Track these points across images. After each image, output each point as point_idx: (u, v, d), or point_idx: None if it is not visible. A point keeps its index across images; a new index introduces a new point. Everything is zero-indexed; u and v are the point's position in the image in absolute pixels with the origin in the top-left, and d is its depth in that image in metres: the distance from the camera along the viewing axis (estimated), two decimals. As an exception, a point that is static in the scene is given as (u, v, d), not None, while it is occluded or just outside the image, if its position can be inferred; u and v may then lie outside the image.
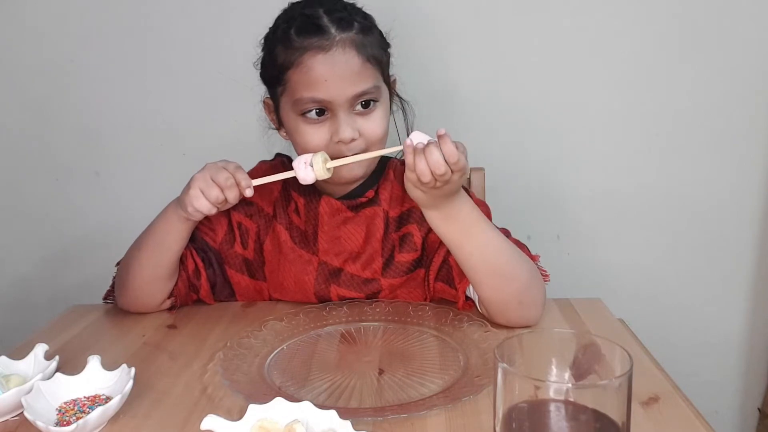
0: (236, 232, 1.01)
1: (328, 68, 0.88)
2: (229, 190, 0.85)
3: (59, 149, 1.44)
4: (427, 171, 0.77)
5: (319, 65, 0.88)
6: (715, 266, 1.43)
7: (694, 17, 1.33)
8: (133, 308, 0.98)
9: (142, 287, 0.95)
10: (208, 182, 0.85)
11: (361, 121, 0.91)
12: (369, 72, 0.91)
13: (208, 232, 1.00)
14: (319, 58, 0.88)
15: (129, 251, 0.97)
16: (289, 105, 0.92)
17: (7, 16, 1.38)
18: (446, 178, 0.77)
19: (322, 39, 0.88)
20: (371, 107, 0.92)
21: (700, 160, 1.39)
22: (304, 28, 0.89)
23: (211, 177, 0.85)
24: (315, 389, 0.73)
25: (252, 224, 1.01)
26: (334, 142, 0.90)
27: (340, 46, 0.88)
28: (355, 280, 0.98)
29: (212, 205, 0.85)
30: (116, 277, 1.00)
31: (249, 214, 1.01)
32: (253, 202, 1.01)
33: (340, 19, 0.90)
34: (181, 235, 0.92)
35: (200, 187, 0.85)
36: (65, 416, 0.67)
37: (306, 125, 0.91)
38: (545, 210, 1.42)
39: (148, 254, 0.94)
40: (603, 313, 0.95)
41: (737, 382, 1.50)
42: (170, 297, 0.98)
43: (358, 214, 0.99)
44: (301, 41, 0.89)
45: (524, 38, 1.35)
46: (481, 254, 0.85)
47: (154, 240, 0.93)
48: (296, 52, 0.89)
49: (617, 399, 0.46)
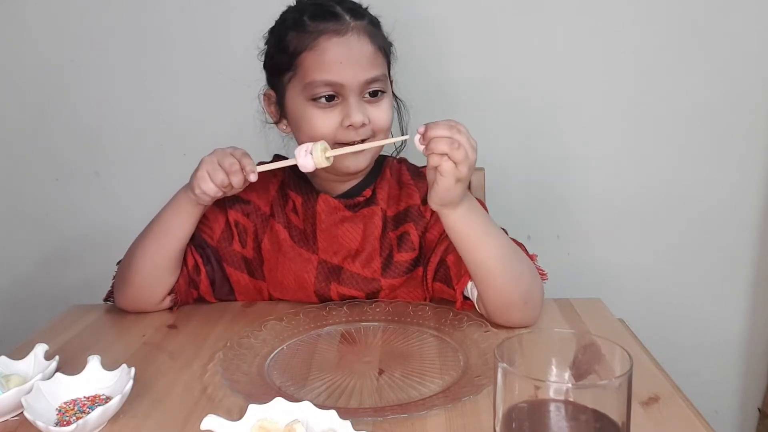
0: (234, 230, 1.01)
1: (344, 51, 0.90)
2: (234, 175, 0.86)
3: (59, 149, 1.44)
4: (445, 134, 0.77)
5: (335, 47, 0.90)
6: (715, 266, 1.43)
7: (694, 17, 1.33)
8: (133, 305, 0.98)
9: (144, 279, 0.95)
10: (214, 165, 0.87)
11: (370, 108, 0.93)
12: (380, 60, 0.94)
13: (206, 230, 1.00)
14: (335, 41, 0.90)
15: (133, 244, 0.97)
16: (299, 90, 0.93)
17: (7, 16, 1.39)
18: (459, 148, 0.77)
19: (337, 24, 0.91)
20: (379, 96, 0.94)
21: (700, 160, 1.39)
22: (319, 14, 0.92)
23: (218, 161, 0.87)
24: (315, 389, 0.73)
25: (249, 223, 1.01)
26: (344, 126, 0.91)
27: (355, 32, 0.91)
28: (356, 278, 0.98)
29: (218, 188, 0.87)
30: (117, 275, 1.00)
31: (246, 212, 1.01)
32: (249, 200, 1.01)
33: (352, 8, 0.93)
34: (189, 219, 0.93)
35: (207, 170, 0.87)
36: (65, 416, 0.67)
37: (315, 110, 0.92)
38: (545, 210, 1.42)
39: (154, 241, 0.94)
40: (603, 313, 0.95)
41: (737, 382, 1.50)
42: (171, 293, 0.97)
43: (356, 213, 0.99)
44: (315, 25, 0.91)
45: (524, 38, 1.35)
46: (496, 255, 0.86)
47: (161, 225, 0.94)
48: (311, 36, 0.91)
49: (617, 399, 0.46)
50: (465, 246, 0.86)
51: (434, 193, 0.82)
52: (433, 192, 0.82)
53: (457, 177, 0.79)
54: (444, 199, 0.82)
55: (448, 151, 0.78)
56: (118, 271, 0.99)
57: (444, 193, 0.81)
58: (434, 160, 0.79)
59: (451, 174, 0.79)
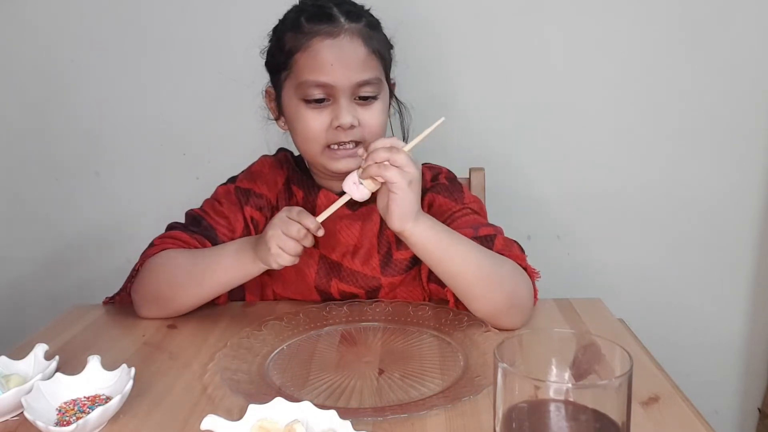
0: (251, 226, 1.01)
1: (335, 53, 0.91)
2: (304, 240, 0.85)
3: (59, 149, 1.44)
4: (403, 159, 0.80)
5: (327, 49, 0.91)
6: (715, 266, 1.43)
7: (694, 17, 1.33)
8: (155, 315, 0.95)
9: (181, 304, 0.94)
10: (283, 239, 0.84)
11: (361, 110, 0.93)
12: (373, 64, 0.94)
13: (227, 233, 0.99)
14: (327, 43, 0.91)
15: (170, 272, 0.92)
16: (293, 89, 0.94)
17: (7, 16, 1.39)
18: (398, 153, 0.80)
19: (331, 26, 0.92)
20: (371, 100, 0.94)
21: (701, 160, 1.39)
22: (315, 16, 0.93)
23: (283, 233, 0.84)
24: (315, 389, 0.73)
25: (262, 217, 1.02)
26: (333, 127, 0.92)
27: (348, 34, 0.92)
28: (356, 276, 0.99)
29: (294, 257, 0.85)
30: (142, 285, 0.95)
31: (259, 206, 1.02)
32: (261, 193, 1.02)
33: (349, 11, 0.94)
34: (249, 277, 0.91)
35: (279, 245, 0.84)
36: (65, 416, 0.67)
37: (307, 110, 0.93)
38: (545, 210, 1.42)
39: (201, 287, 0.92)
40: (603, 313, 0.95)
41: (737, 382, 1.50)
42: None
43: (355, 212, 1.00)
44: (310, 27, 0.92)
45: (524, 39, 1.35)
46: (470, 263, 0.85)
47: (213, 276, 0.91)
48: (305, 37, 0.92)
49: (617, 399, 0.46)
50: (437, 259, 0.86)
51: (392, 209, 0.82)
52: (390, 211, 0.82)
53: (408, 180, 0.80)
54: (403, 210, 0.81)
55: (389, 156, 0.79)
56: (145, 282, 0.94)
57: (401, 204, 0.81)
58: (373, 170, 0.80)
59: (400, 178, 0.79)
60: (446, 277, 0.87)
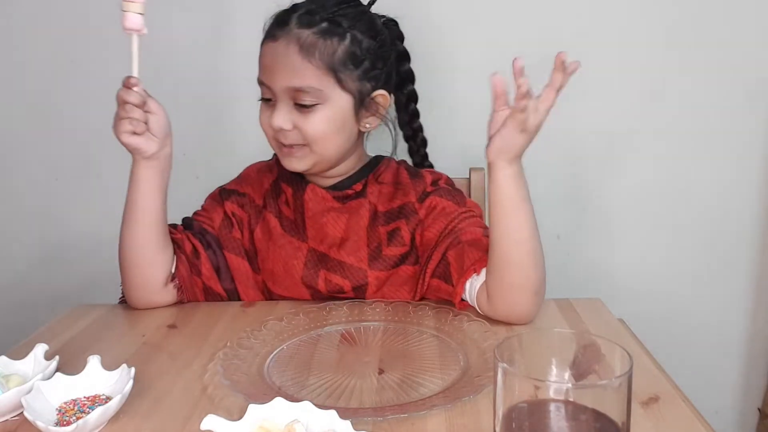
0: (232, 219, 1.04)
1: (270, 56, 0.95)
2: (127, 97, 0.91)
3: (59, 149, 1.44)
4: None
5: (266, 51, 0.96)
6: (716, 266, 1.43)
7: (694, 18, 1.33)
8: (139, 297, 0.98)
9: (136, 263, 0.96)
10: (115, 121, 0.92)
11: (299, 117, 0.95)
12: (310, 72, 0.93)
13: (206, 221, 1.04)
14: (269, 45, 0.95)
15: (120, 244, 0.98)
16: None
17: (7, 16, 1.38)
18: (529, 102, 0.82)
19: (278, 30, 0.95)
20: (311, 108, 0.94)
21: (700, 160, 1.39)
22: (275, 18, 0.97)
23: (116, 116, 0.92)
24: (315, 389, 0.73)
25: (244, 214, 1.05)
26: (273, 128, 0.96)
27: (285, 39, 0.94)
28: (342, 266, 1.00)
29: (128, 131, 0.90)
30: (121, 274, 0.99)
31: (241, 204, 1.05)
32: (245, 193, 1.06)
33: (304, 18, 0.94)
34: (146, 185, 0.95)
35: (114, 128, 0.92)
36: (65, 416, 0.67)
37: (262, 107, 0.99)
38: (545, 210, 1.42)
39: (132, 224, 0.95)
40: (603, 313, 0.95)
41: (737, 382, 1.50)
42: (173, 280, 0.98)
43: (344, 205, 1.01)
44: (269, 29, 0.97)
45: (524, 39, 1.35)
46: (529, 226, 0.86)
47: (129, 206, 0.96)
48: (264, 38, 0.97)
49: (617, 399, 0.47)
50: (503, 209, 0.86)
51: (494, 140, 0.83)
52: (492, 140, 0.83)
53: (524, 125, 0.81)
54: (504, 144, 0.83)
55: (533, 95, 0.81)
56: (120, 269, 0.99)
57: (506, 139, 0.82)
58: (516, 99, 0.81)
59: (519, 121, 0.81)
60: (501, 233, 0.86)
